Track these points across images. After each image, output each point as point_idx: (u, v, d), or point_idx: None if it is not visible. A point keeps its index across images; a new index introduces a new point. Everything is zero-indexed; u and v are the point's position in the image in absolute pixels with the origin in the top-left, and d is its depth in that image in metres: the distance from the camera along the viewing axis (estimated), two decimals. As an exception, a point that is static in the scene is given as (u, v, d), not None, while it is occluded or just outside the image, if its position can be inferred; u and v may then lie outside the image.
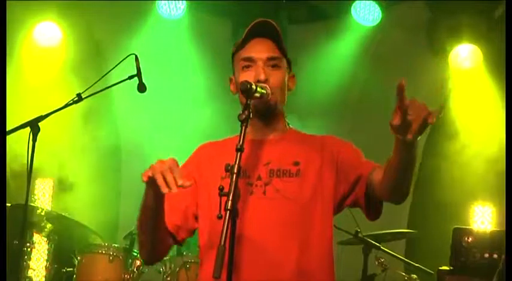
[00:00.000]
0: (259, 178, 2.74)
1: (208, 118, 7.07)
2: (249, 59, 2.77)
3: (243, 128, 2.44)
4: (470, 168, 6.50)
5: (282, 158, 2.77)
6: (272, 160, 2.76)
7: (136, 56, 4.51)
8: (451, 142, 6.86)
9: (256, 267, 2.62)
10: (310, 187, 2.72)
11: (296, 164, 2.75)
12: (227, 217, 2.29)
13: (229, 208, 2.29)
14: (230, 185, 2.33)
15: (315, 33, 7.41)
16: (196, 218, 2.83)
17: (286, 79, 2.82)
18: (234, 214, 2.32)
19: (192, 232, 2.87)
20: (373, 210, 2.80)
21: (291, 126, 2.92)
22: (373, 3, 7.16)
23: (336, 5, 7.41)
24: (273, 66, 2.76)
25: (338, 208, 2.81)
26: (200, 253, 2.83)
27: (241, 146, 2.39)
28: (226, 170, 2.36)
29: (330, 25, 7.44)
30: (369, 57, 7.17)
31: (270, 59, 2.76)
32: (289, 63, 2.87)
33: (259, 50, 2.77)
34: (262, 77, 2.71)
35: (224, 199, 2.32)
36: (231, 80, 2.89)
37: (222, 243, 2.25)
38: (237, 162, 2.36)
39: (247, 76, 2.73)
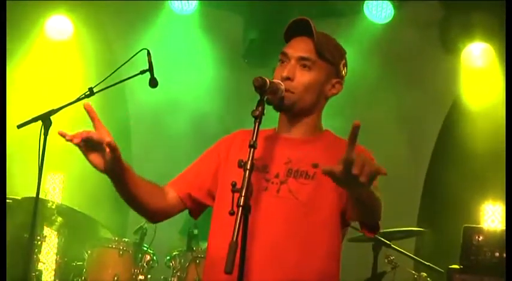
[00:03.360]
0: (277, 176, 2.73)
1: (219, 112, 7.07)
2: (285, 55, 2.79)
3: (256, 124, 2.44)
4: (481, 167, 6.48)
5: (302, 158, 2.75)
6: (293, 160, 2.75)
7: (148, 51, 4.51)
8: (462, 141, 6.84)
9: (261, 263, 2.62)
10: (323, 192, 2.70)
11: (315, 166, 2.72)
12: (239, 214, 2.29)
13: (241, 204, 2.29)
14: (243, 181, 2.32)
15: (327, 31, 7.36)
16: (210, 196, 2.88)
17: (319, 83, 2.81)
18: (247, 210, 2.31)
19: (203, 207, 2.93)
20: (366, 227, 2.75)
21: (327, 129, 2.92)
22: (386, 1, 7.14)
23: (348, 3, 7.38)
24: (305, 67, 2.77)
25: (343, 220, 2.76)
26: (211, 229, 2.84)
27: (254, 142, 2.39)
28: (239, 166, 2.35)
29: (342, 23, 7.41)
30: (380, 55, 7.14)
31: (301, 58, 2.77)
32: (337, 69, 2.87)
33: (296, 48, 2.79)
34: (284, 74, 2.73)
35: (236, 194, 2.32)
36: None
37: (234, 239, 2.25)
38: (250, 158, 2.36)
39: (279, 71, 2.76)
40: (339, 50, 2.91)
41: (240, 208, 2.29)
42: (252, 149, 2.38)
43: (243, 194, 2.30)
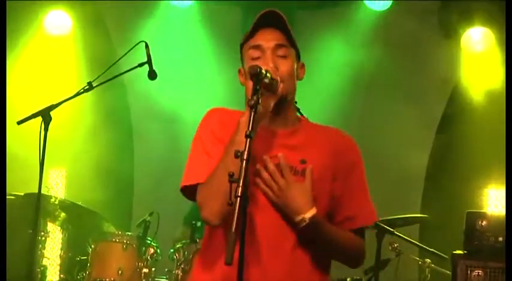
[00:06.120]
0: (266, 169, 2.67)
1: (219, 104, 7.06)
2: (258, 47, 2.73)
3: (252, 114, 2.41)
4: (483, 151, 6.48)
5: (289, 153, 2.70)
6: (279, 154, 2.68)
7: (146, 44, 4.50)
8: (464, 126, 6.84)
9: (258, 257, 2.60)
10: (313, 189, 2.66)
11: (302, 162, 2.69)
12: (237, 204, 2.27)
13: (239, 194, 2.27)
14: (240, 171, 2.30)
15: (325, 19, 7.38)
16: None
17: (295, 68, 2.78)
18: (245, 200, 2.30)
19: None
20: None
21: (302, 115, 2.89)
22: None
23: (346, -9, 7.39)
24: (282, 56, 2.72)
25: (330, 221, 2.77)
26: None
27: (251, 132, 2.36)
28: (236, 156, 2.33)
29: (340, 10, 7.41)
30: (380, 42, 7.14)
31: (278, 46, 2.72)
32: (298, 53, 2.83)
33: (268, 39, 2.73)
34: (270, 64, 2.65)
35: (234, 185, 2.30)
36: (239, 71, 2.84)
37: (233, 230, 2.24)
38: (247, 148, 2.34)
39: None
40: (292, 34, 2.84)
41: (238, 198, 2.27)
42: (248, 139, 2.35)
43: (240, 184, 2.28)
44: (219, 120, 2.78)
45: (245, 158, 2.32)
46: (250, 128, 2.37)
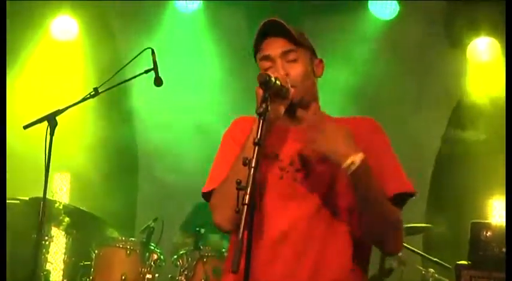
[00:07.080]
0: (291, 163, 2.68)
1: (225, 110, 7.07)
2: (267, 58, 2.74)
3: (261, 121, 2.40)
4: (489, 161, 6.47)
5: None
6: (304, 148, 2.68)
7: (152, 50, 4.51)
8: (469, 136, 6.83)
9: (286, 250, 2.61)
10: (340, 179, 2.65)
11: None
12: (244, 211, 2.26)
13: (246, 202, 2.27)
14: (248, 179, 2.30)
15: (331, 27, 7.37)
16: None
17: (309, 69, 2.79)
18: (252, 208, 2.29)
19: None
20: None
21: (322, 111, 2.86)
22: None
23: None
24: (292, 61, 2.73)
25: None
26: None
27: (259, 140, 2.35)
28: (244, 164, 2.32)
29: (346, 19, 7.40)
30: (386, 51, 7.13)
31: (285, 52, 2.73)
32: (312, 50, 2.85)
33: (273, 47, 2.74)
34: (281, 72, 2.67)
35: (242, 192, 2.29)
36: None
37: (239, 237, 2.23)
38: (255, 156, 2.33)
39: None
40: (303, 32, 2.86)
41: (245, 206, 2.26)
42: (256, 147, 2.34)
43: (247, 192, 2.27)
44: (240, 127, 2.81)
45: (253, 165, 2.32)
46: (258, 136, 2.37)
